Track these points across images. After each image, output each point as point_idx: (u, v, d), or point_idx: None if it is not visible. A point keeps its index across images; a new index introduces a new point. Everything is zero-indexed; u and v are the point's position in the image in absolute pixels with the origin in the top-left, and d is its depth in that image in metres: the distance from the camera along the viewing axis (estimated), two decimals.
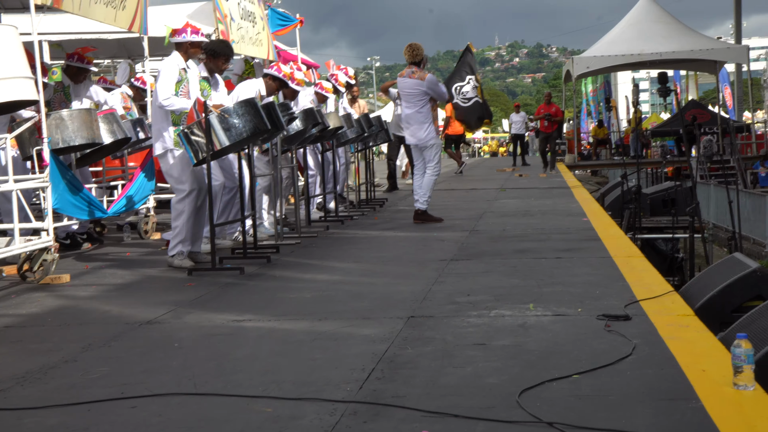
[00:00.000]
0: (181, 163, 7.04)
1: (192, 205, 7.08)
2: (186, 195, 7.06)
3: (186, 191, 7.06)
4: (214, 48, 7.40)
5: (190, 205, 7.06)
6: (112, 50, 12.90)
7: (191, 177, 7.05)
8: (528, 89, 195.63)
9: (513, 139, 27.18)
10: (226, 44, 7.65)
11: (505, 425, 2.95)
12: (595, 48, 26.23)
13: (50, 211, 6.77)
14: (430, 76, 9.73)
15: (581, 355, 3.80)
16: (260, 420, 3.11)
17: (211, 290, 6.00)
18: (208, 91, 7.33)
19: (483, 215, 10.46)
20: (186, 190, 7.06)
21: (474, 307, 4.97)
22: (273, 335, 4.53)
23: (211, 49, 7.37)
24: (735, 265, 6.30)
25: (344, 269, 6.79)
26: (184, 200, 7.06)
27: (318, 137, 9.69)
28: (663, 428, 2.85)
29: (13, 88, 6.32)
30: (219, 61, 7.39)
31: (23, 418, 3.26)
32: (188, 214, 7.06)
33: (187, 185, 7.06)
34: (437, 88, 9.82)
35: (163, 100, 6.97)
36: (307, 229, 9.37)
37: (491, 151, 59.01)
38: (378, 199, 13.25)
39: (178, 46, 7.17)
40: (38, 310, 5.57)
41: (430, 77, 9.74)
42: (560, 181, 16.78)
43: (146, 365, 4.00)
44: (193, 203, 7.09)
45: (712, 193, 19.54)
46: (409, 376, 3.60)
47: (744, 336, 3.22)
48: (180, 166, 7.05)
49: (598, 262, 6.46)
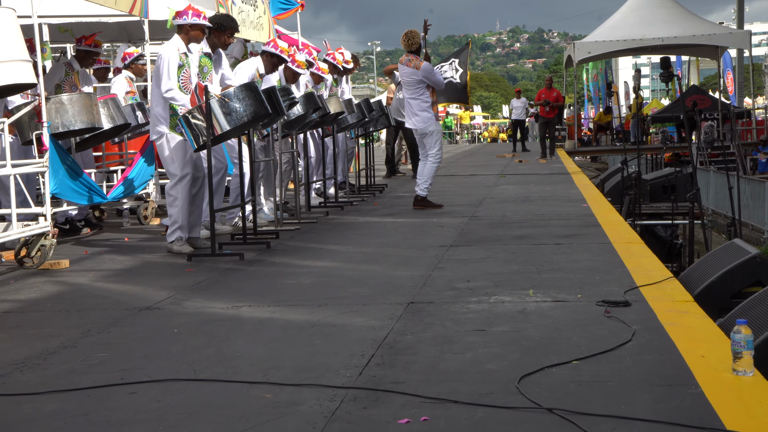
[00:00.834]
0: (174, 147, 6.99)
1: (185, 190, 7.02)
2: (178, 180, 7.01)
3: (178, 176, 7.01)
4: (220, 22, 7.37)
5: (183, 190, 7.01)
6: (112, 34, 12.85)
7: (183, 162, 7.02)
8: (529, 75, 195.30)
9: (513, 125, 27.14)
10: (231, 18, 7.63)
11: (505, 411, 2.95)
12: (597, 33, 26.18)
13: (48, 196, 6.76)
14: (425, 65, 9.73)
15: (581, 341, 3.80)
16: (260, 406, 3.11)
17: (210, 276, 6.00)
18: (209, 67, 7.29)
19: (483, 201, 10.45)
20: (178, 175, 7.02)
21: (474, 293, 4.97)
22: (273, 321, 4.53)
23: (217, 23, 7.34)
24: (734, 251, 6.29)
25: (344, 255, 6.78)
26: (176, 186, 7.02)
27: (318, 122, 9.68)
28: (662, 414, 2.85)
29: (12, 72, 6.28)
30: (224, 35, 7.37)
31: (22, 403, 3.26)
32: (182, 200, 7.01)
33: (179, 170, 7.02)
34: (432, 76, 9.81)
35: (166, 92, 6.92)
36: (307, 215, 9.36)
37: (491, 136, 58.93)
38: (378, 184, 13.24)
39: (179, 29, 7.11)
40: (37, 296, 5.57)
41: (425, 66, 9.73)
42: (560, 167, 16.77)
43: (146, 351, 4.00)
44: (187, 189, 7.03)
45: (712, 179, 19.53)
46: (409, 362, 3.60)
47: (743, 322, 3.22)
48: (174, 150, 7.00)
49: (597, 248, 6.45)
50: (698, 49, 27.33)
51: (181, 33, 7.10)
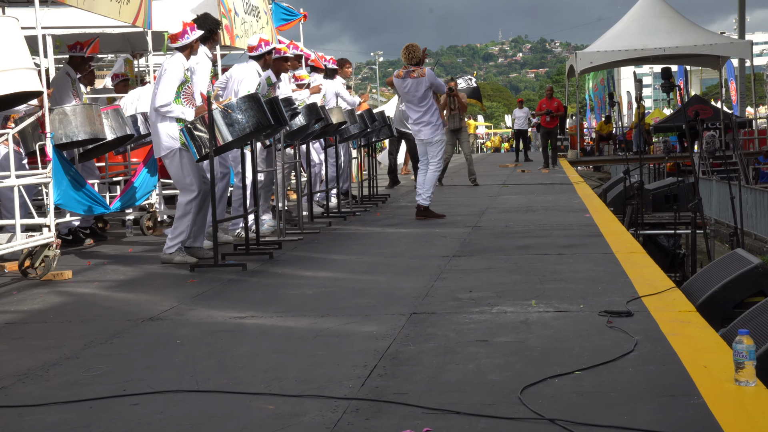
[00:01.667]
0: (190, 162, 7.02)
1: (199, 206, 7.07)
2: (195, 196, 7.04)
3: (195, 192, 7.03)
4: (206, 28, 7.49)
5: (197, 206, 7.05)
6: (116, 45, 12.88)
7: (199, 176, 7.05)
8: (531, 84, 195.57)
9: (516, 135, 27.16)
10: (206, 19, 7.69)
11: (507, 422, 2.95)
12: (599, 43, 26.23)
13: (52, 206, 6.77)
14: (428, 70, 9.88)
15: (583, 351, 3.80)
16: (262, 417, 3.11)
17: (213, 286, 6.00)
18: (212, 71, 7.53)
19: (485, 211, 10.45)
20: (195, 191, 7.03)
21: (476, 303, 4.97)
22: (275, 332, 4.53)
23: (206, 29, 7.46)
24: (737, 261, 6.28)
25: (346, 265, 6.79)
26: (192, 202, 7.04)
27: (321, 133, 9.69)
28: (665, 424, 2.84)
29: (17, 80, 6.30)
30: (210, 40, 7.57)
31: (24, 415, 3.26)
32: (194, 214, 7.05)
33: (196, 185, 7.04)
34: (436, 80, 10.00)
35: (161, 106, 6.95)
36: (310, 225, 9.37)
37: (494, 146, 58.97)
38: (380, 194, 13.25)
39: (181, 48, 7.15)
40: (40, 307, 5.58)
41: (429, 71, 9.88)
42: (563, 176, 16.77)
43: (148, 362, 4.00)
44: (200, 204, 7.08)
45: (714, 188, 19.53)
46: (411, 372, 3.60)
47: (746, 332, 3.22)
48: (190, 165, 7.03)
49: (600, 258, 6.45)
50: (700, 59, 27.35)
51: (183, 51, 7.14)
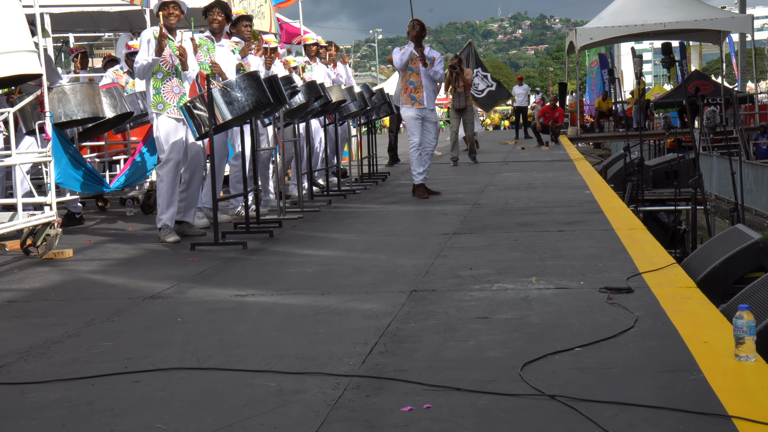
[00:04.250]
0: (162, 129, 7.02)
1: (171, 174, 7.04)
2: (164, 162, 7.05)
3: (164, 159, 7.06)
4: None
5: (169, 174, 7.02)
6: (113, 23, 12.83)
7: (170, 145, 7.03)
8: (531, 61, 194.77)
9: (515, 112, 27.10)
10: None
11: (508, 398, 2.96)
12: (599, 19, 26.09)
13: (53, 185, 6.77)
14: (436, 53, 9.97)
15: (583, 327, 3.80)
16: (263, 394, 3.12)
17: (214, 265, 6.01)
18: (210, 47, 7.48)
19: (485, 188, 10.45)
20: (164, 157, 7.06)
21: (476, 280, 4.97)
22: (276, 310, 4.54)
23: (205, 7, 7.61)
24: (737, 236, 6.29)
25: (347, 244, 6.79)
26: (163, 167, 7.06)
27: (320, 111, 9.66)
28: (665, 400, 2.85)
29: (17, 62, 6.27)
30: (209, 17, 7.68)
31: (26, 392, 3.27)
32: (167, 182, 7.03)
33: (165, 152, 7.05)
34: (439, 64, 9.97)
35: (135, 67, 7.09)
36: (310, 204, 9.37)
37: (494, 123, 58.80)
38: (380, 173, 13.23)
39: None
40: (41, 285, 5.59)
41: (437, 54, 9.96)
42: (563, 153, 16.75)
43: (149, 340, 4.01)
44: (173, 172, 7.04)
45: (715, 164, 19.50)
46: (412, 350, 3.61)
47: (746, 307, 3.22)
48: (161, 132, 7.04)
49: (600, 234, 6.46)
50: (700, 34, 27.22)
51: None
